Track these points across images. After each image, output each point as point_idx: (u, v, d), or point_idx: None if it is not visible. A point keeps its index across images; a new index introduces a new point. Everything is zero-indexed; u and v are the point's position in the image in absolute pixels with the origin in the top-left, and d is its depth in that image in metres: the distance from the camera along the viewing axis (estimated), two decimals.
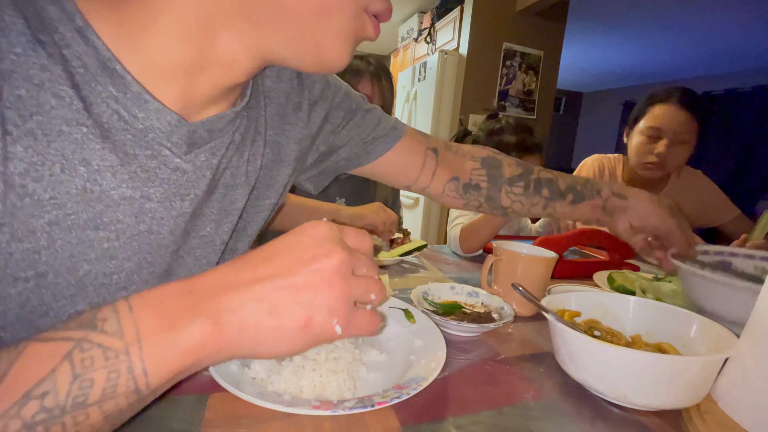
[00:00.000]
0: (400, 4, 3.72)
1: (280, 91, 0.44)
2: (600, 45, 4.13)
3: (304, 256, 0.27)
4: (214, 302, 0.24)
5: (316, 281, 0.26)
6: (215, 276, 0.26)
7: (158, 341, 0.22)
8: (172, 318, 0.23)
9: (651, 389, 0.34)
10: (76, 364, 0.20)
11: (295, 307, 0.25)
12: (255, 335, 0.25)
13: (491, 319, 0.51)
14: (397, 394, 0.32)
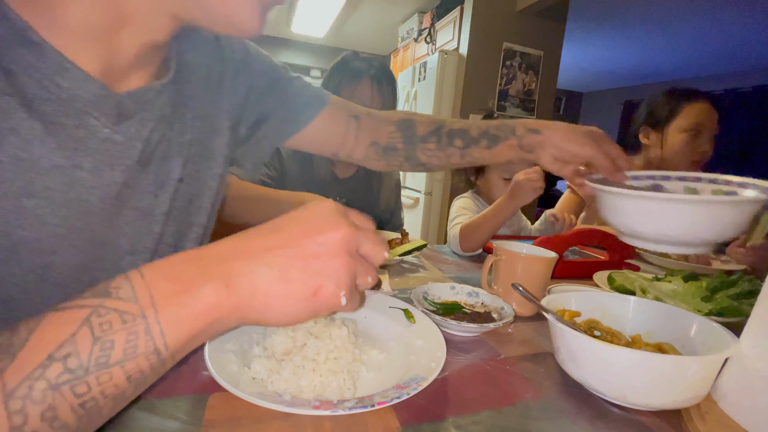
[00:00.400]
0: (400, 4, 3.73)
1: (202, 64, 0.45)
2: (600, 45, 4.13)
3: (312, 228, 0.28)
4: (225, 267, 0.25)
5: (324, 252, 0.27)
6: (225, 245, 0.27)
7: (172, 303, 0.23)
8: (184, 282, 0.24)
9: (651, 389, 0.34)
10: (95, 328, 0.21)
11: (305, 275, 0.26)
12: (265, 300, 0.26)
13: (491, 319, 0.51)
14: (397, 394, 0.32)
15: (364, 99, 0.99)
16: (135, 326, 0.22)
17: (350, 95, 0.98)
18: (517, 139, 0.57)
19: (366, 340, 0.44)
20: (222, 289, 0.24)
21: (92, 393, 0.21)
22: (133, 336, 0.22)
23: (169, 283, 0.24)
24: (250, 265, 0.25)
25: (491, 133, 0.58)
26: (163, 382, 0.35)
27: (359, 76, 0.99)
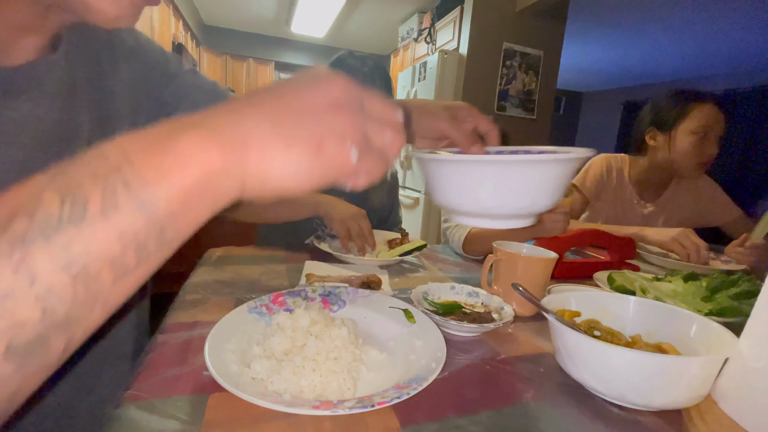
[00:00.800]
0: (400, 4, 3.73)
1: (92, 49, 0.45)
2: (600, 45, 4.13)
3: (304, 83, 0.24)
4: (207, 120, 0.22)
5: (317, 107, 0.23)
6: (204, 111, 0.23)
7: (151, 156, 0.20)
8: (162, 136, 0.20)
9: (651, 389, 0.34)
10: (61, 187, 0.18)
11: (301, 127, 0.22)
12: (263, 154, 0.22)
13: (491, 319, 0.51)
14: (397, 394, 0.32)
15: None
16: (110, 180, 0.18)
17: None
18: None
19: (366, 340, 0.44)
20: (206, 141, 0.20)
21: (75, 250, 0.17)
22: (110, 191, 0.18)
23: (143, 139, 0.20)
24: (237, 117, 0.22)
25: None
26: (163, 382, 0.35)
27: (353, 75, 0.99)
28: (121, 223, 0.18)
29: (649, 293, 0.61)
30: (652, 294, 0.61)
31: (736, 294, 0.58)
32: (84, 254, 0.18)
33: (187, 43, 3.84)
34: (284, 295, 0.51)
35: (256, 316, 0.46)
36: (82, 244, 0.18)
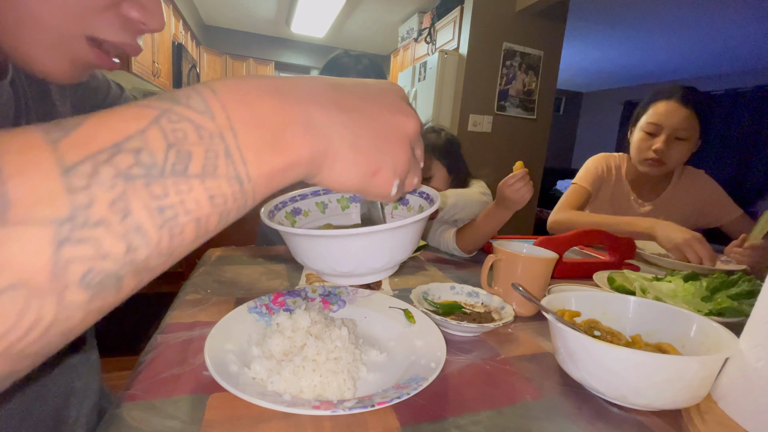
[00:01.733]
0: (400, 4, 3.73)
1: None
2: (600, 45, 4.13)
3: (388, 106, 0.26)
4: (303, 110, 0.23)
5: (393, 137, 0.26)
6: (302, 82, 0.24)
7: (252, 134, 0.20)
8: (263, 113, 0.21)
9: (651, 389, 0.34)
10: (167, 133, 0.18)
11: (373, 151, 0.25)
12: (333, 161, 0.24)
13: (491, 319, 0.51)
14: (397, 394, 0.32)
15: None
16: (214, 145, 0.19)
17: None
18: None
19: (366, 341, 0.44)
20: (300, 138, 0.22)
21: (171, 200, 0.18)
22: (212, 154, 0.19)
23: (246, 110, 0.21)
24: (327, 117, 0.23)
25: None
26: (163, 382, 0.35)
27: (347, 74, 0.98)
28: (215, 188, 0.19)
29: (649, 293, 0.61)
30: (652, 294, 0.61)
31: (736, 294, 0.58)
32: (177, 206, 0.18)
33: (187, 43, 3.84)
34: (284, 295, 0.51)
35: (256, 316, 0.46)
36: (177, 196, 0.18)
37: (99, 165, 0.16)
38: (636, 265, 0.85)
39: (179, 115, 0.19)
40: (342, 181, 0.25)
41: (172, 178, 0.18)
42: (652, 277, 0.67)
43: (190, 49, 4.02)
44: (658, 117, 1.12)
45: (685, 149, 1.13)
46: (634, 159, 1.21)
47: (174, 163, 0.18)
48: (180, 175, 0.18)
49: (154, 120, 0.18)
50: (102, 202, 0.16)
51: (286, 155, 0.22)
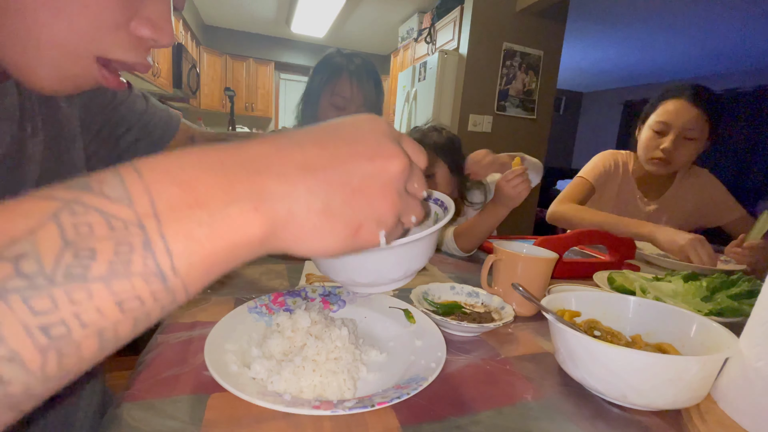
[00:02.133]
0: (400, 4, 3.73)
1: None
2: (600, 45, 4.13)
3: (363, 152, 0.23)
4: (255, 183, 0.20)
5: (372, 188, 0.23)
6: (253, 150, 0.21)
7: (183, 217, 0.17)
8: (200, 193, 0.18)
9: (651, 389, 0.34)
10: (66, 229, 0.15)
11: (348, 210, 0.22)
12: (301, 231, 0.21)
13: (491, 319, 0.51)
14: (397, 394, 0.32)
15: (344, 95, 0.98)
16: (128, 236, 0.16)
17: (331, 92, 0.98)
18: None
19: (366, 341, 0.44)
20: (251, 213, 0.19)
21: (60, 314, 0.15)
22: (125, 248, 0.16)
23: (179, 190, 0.18)
24: (287, 186, 0.20)
25: None
26: (163, 382, 0.35)
27: (339, 72, 0.98)
28: (126, 290, 0.16)
29: (649, 293, 0.61)
30: (652, 294, 0.61)
31: (736, 294, 0.58)
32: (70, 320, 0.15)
33: (187, 43, 3.84)
34: (284, 295, 0.51)
35: (256, 316, 0.46)
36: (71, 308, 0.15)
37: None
38: (636, 265, 0.85)
39: (85, 206, 0.16)
40: (317, 249, 0.22)
41: (65, 286, 0.15)
42: (652, 277, 0.67)
43: (190, 49, 4.02)
44: (667, 116, 1.11)
45: (693, 149, 1.12)
46: (641, 157, 1.20)
47: (69, 266, 0.15)
48: (76, 281, 0.15)
49: (51, 216, 0.15)
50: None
51: (228, 237, 0.19)
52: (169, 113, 0.62)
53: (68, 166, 0.47)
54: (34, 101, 0.42)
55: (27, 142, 0.40)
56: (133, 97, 0.57)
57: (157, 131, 0.59)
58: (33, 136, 0.41)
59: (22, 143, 0.40)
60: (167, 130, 0.60)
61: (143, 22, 0.31)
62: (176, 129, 0.61)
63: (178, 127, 0.62)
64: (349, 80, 0.98)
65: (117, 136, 0.56)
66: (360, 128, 0.24)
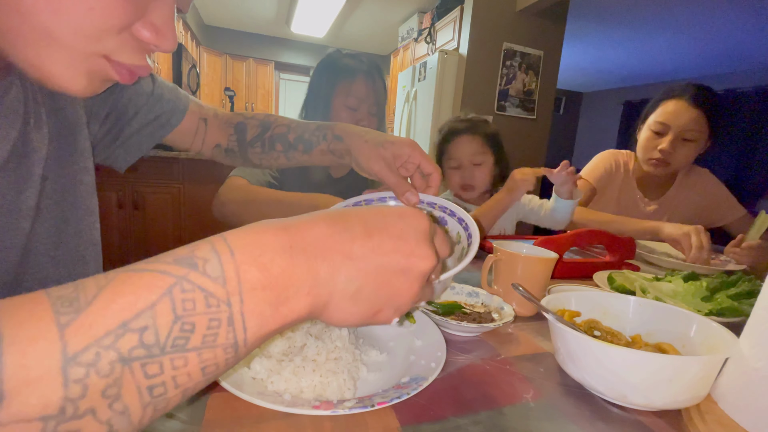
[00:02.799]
0: (400, 4, 3.73)
1: None
2: (600, 45, 4.13)
3: (403, 249, 0.26)
4: (311, 269, 0.23)
5: (402, 281, 0.26)
6: (315, 233, 0.24)
7: (260, 298, 0.21)
8: (272, 275, 0.22)
9: (651, 389, 0.34)
10: (177, 304, 0.18)
11: (375, 298, 0.25)
12: (334, 311, 0.25)
13: (491, 319, 0.51)
14: (397, 394, 0.32)
15: (360, 95, 0.99)
16: (219, 313, 0.19)
17: (345, 93, 0.98)
18: (327, 145, 0.59)
19: (366, 341, 0.44)
20: (304, 297, 0.23)
21: (164, 377, 0.18)
22: (215, 323, 0.19)
23: (258, 272, 0.21)
24: (333, 272, 0.24)
25: (305, 137, 0.60)
26: None
27: (354, 74, 0.99)
28: (211, 358, 0.19)
29: (649, 293, 0.61)
30: (652, 294, 0.61)
31: (736, 294, 0.58)
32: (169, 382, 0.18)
33: (187, 43, 3.84)
34: None
35: None
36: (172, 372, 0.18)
37: (102, 350, 0.16)
38: (636, 265, 0.85)
39: (193, 284, 0.19)
40: (339, 322, 0.26)
41: (171, 354, 0.18)
42: (652, 277, 0.67)
43: (190, 49, 4.02)
44: (666, 116, 1.11)
45: (692, 150, 1.12)
46: (640, 157, 1.20)
47: (176, 338, 0.18)
48: (179, 351, 0.18)
49: (167, 291, 0.18)
50: (95, 391, 0.16)
51: (286, 317, 0.22)
52: (177, 94, 0.60)
53: (74, 156, 0.47)
54: (37, 93, 0.42)
55: (32, 134, 0.40)
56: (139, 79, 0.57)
57: (164, 115, 0.58)
58: (37, 128, 0.41)
59: (27, 136, 0.40)
60: (175, 113, 0.59)
61: (147, 26, 0.32)
62: (184, 112, 0.60)
63: (186, 109, 0.60)
64: (364, 81, 0.99)
65: (124, 121, 0.55)
66: (406, 224, 0.27)
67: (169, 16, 0.33)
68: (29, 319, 0.16)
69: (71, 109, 0.47)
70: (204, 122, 0.63)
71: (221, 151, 0.64)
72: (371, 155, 0.52)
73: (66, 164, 0.45)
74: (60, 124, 0.45)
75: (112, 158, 0.58)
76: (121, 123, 0.55)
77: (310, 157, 0.61)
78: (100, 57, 0.31)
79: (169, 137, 0.61)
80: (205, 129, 0.62)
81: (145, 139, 0.58)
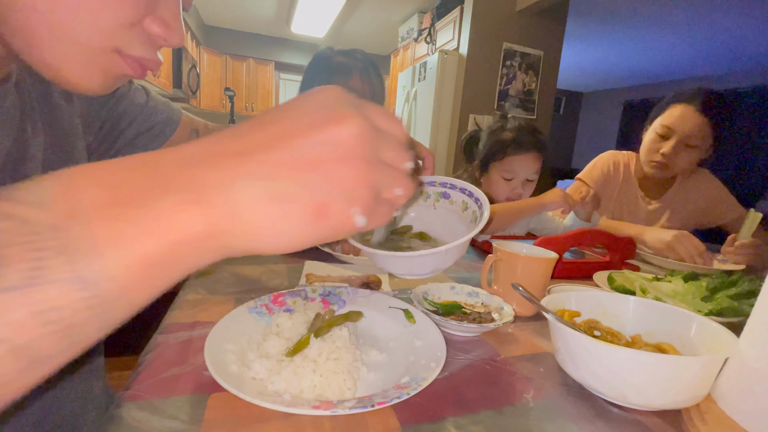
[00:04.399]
0: (400, 4, 3.73)
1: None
2: (600, 45, 4.13)
3: (310, 122, 0.20)
4: (190, 176, 0.18)
5: (327, 156, 0.20)
6: (185, 149, 0.19)
7: (111, 216, 0.16)
8: (130, 191, 0.17)
9: (651, 389, 0.34)
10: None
11: (302, 188, 0.19)
12: (253, 224, 0.19)
13: (491, 319, 0.51)
14: (397, 394, 0.32)
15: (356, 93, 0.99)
16: (43, 242, 0.15)
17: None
18: None
19: (366, 341, 0.44)
20: (189, 206, 0.17)
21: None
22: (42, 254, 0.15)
23: (105, 191, 0.17)
24: (225, 175, 0.18)
25: None
26: (163, 382, 0.35)
27: (349, 72, 0.97)
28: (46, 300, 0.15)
29: (649, 293, 0.61)
30: (652, 294, 0.61)
31: (736, 294, 0.58)
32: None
33: (187, 43, 3.84)
34: (284, 295, 0.51)
35: (256, 316, 0.46)
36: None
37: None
38: (636, 265, 0.85)
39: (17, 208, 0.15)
40: (279, 242, 0.20)
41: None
42: (652, 277, 0.67)
43: (190, 49, 4.02)
44: (672, 120, 1.11)
45: (694, 157, 1.12)
46: (642, 158, 1.21)
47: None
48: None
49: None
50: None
51: (164, 234, 0.17)
52: (170, 107, 0.61)
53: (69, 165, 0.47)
54: (33, 101, 0.42)
55: (29, 142, 0.40)
56: (133, 90, 0.57)
57: (158, 125, 0.59)
58: (34, 136, 0.41)
59: (24, 144, 0.40)
60: (168, 124, 0.60)
61: (156, 21, 0.32)
62: (178, 123, 0.61)
63: (179, 120, 0.62)
64: (360, 79, 0.98)
65: (118, 131, 0.56)
66: (307, 100, 0.21)
67: (177, 11, 0.34)
68: None
69: (68, 119, 0.47)
70: (195, 133, 0.64)
71: None
72: None
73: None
74: (56, 133, 0.45)
75: None
76: (115, 133, 0.56)
77: None
78: (112, 53, 0.32)
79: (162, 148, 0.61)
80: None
81: (139, 150, 0.59)
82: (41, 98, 0.44)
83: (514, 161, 1.05)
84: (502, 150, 1.06)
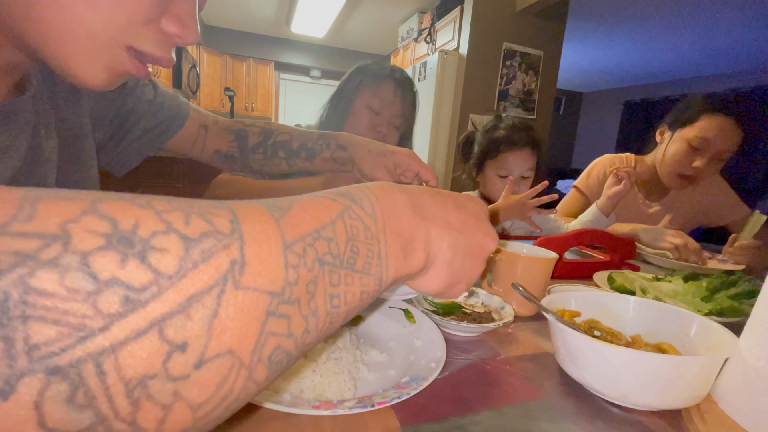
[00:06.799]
0: (400, 4, 3.73)
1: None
2: (600, 45, 4.13)
3: (482, 228, 0.29)
4: (426, 229, 0.25)
5: (478, 255, 0.29)
6: (423, 199, 0.27)
7: (396, 243, 0.23)
8: (402, 225, 0.24)
9: (651, 389, 0.34)
10: (347, 227, 0.20)
11: (460, 269, 0.28)
12: (430, 274, 0.27)
13: (491, 319, 0.51)
14: (397, 394, 0.32)
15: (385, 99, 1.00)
16: (374, 245, 0.21)
17: (371, 94, 1.00)
18: (330, 153, 0.61)
19: (366, 341, 0.44)
20: (421, 251, 0.25)
21: (339, 290, 0.19)
22: (371, 254, 0.21)
23: (394, 220, 0.23)
24: (439, 236, 0.26)
25: (309, 146, 0.63)
26: None
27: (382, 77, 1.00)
28: (366, 284, 0.21)
29: (649, 293, 0.61)
30: (652, 294, 0.61)
31: (736, 294, 0.58)
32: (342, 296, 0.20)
33: None
34: None
35: None
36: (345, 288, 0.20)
37: (307, 247, 0.18)
38: (636, 265, 0.85)
39: (356, 214, 0.21)
40: (426, 287, 0.28)
41: (345, 270, 0.20)
42: (652, 277, 0.67)
43: (190, 49, 4.02)
44: (713, 133, 1.02)
45: (718, 168, 1.08)
46: (663, 168, 1.13)
47: (349, 256, 0.20)
48: (350, 269, 0.20)
49: (339, 214, 0.20)
50: (302, 281, 0.17)
51: (410, 265, 0.24)
52: (178, 101, 0.61)
53: (78, 165, 0.47)
54: (46, 104, 0.43)
55: (43, 146, 0.41)
56: (141, 86, 0.57)
57: (166, 121, 0.59)
58: (48, 138, 0.42)
59: (39, 148, 0.41)
60: (176, 120, 0.60)
61: (172, 19, 0.33)
62: (185, 119, 0.61)
63: (187, 116, 0.61)
64: (393, 87, 0.99)
65: (126, 129, 0.56)
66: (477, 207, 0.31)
67: (193, 10, 0.34)
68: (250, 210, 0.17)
69: (76, 119, 0.47)
70: (204, 128, 0.63)
71: (220, 156, 0.64)
72: (375, 164, 0.56)
73: (71, 173, 0.46)
74: (65, 134, 0.45)
75: (112, 164, 0.59)
76: (123, 129, 0.56)
77: (312, 164, 0.63)
78: (123, 49, 0.33)
79: (170, 143, 0.61)
80: (205, 135, 0.63)
81: (147, 146, 0.59)
82: (52, 101, 0.44)
83: (508, 158, 1.06)
84: (495, 148, 1.08)
